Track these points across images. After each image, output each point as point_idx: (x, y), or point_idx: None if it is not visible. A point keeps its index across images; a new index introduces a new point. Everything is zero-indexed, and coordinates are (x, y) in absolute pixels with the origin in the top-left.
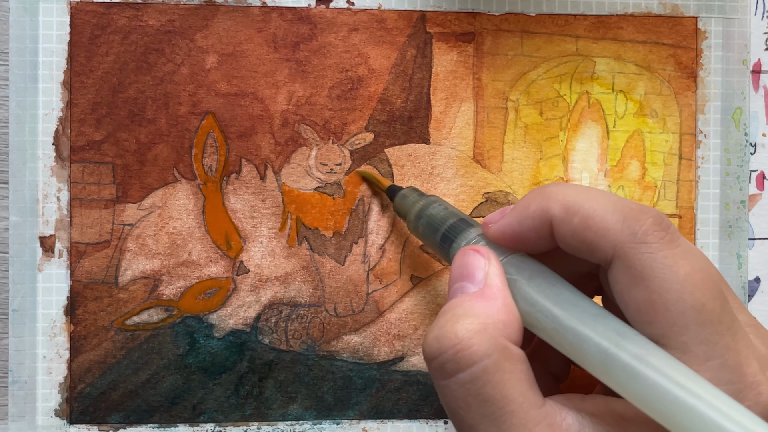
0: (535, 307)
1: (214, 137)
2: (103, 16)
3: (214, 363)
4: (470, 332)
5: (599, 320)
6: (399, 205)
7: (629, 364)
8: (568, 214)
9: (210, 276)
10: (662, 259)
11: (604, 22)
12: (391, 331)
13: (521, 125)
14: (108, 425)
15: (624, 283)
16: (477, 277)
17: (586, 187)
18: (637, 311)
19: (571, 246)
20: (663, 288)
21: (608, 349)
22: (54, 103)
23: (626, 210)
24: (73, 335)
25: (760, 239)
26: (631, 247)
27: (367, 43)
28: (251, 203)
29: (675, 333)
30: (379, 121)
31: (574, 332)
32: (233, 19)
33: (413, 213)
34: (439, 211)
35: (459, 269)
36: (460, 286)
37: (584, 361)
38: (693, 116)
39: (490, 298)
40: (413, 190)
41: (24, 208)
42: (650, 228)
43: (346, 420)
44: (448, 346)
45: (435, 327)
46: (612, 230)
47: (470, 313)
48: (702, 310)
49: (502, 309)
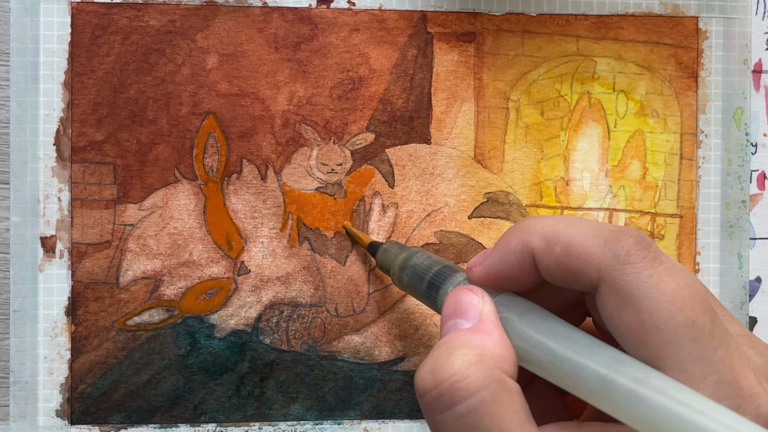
0: (528, 342)
1: (215, 137)
2: (104, 17)
3: (215, 363)
4: (467, 363)
5: (594, 349)
6: (381, 259)
7: (630, 388)
8: (549, 245)
9: (211, 276)
10: (648, 278)
11: (604, 22)
12: (392, 331)
13: (522, 125)
14: (109, 425)
15: (612, 307)
16: (470, 313)
17: (565, 217)
18: (629, 333)
19: (556, 276)
20: (652, 307)
21: (607, 375)
22: (55, 104)
23: (606, 233)
24: (74, 335)
25: (761, 239)
26: (616, 270)
27: (368, 43)
28: (252, 203)
29: (669, 352)
30: (380, 121)
31: (570, 363)
32: (234, 19)
33: (396, 265)
34: (422, 260)
35: (452, 307)
36: (453, 323)
37: (582, 391)
38: (694, 116)
39: (486, 332)
40: (394, 243)
41: (25, 209)
42: (632, 248)
43: (348, 420)
44: (444, 377)
45: (429, 360)
46: (594, 254)
47: (466, 345)
48: (693, 326)
49: (497, 343)
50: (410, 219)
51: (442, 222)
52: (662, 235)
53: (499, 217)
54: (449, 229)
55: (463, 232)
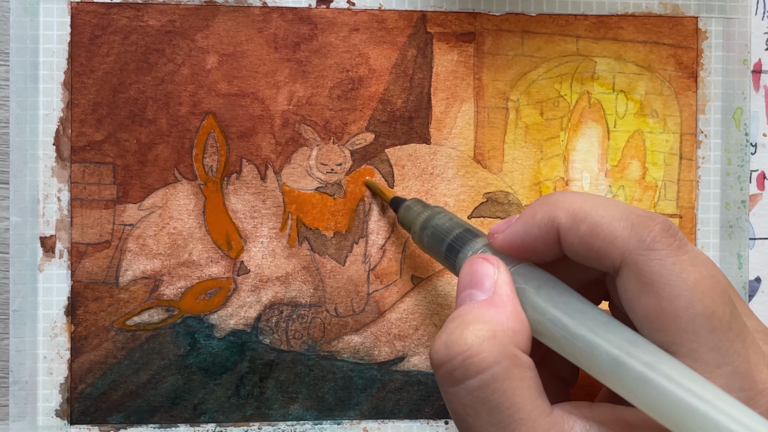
0: (544, 316)
1: (215, 137)
2: (104, 17)
3: (214, 363)
4: (480, 339)
5: (609, 328)
6: (403, 216)
7: (640, 371)
8: (575, 222)
9: (211, 276)
10: (671, 266)
11: (604, 22)
12: (391, 331)
13: (522, 125)
14: (109, 425)
15: (633, 291)
16: (486, 284)
17: (593, 195)
18: (647, 318)
19: (579, 254)
20: (672, 295)
21: (619, 356)
22: (54, 104)
23: (634, 217)
24: (74, 335)
25: (761, 239)
26: (640, 254)
27: (367, 43)
28: (252, 203)
29: (685, 340)
30: (380, 121)
31: (583, 340)
32: (234, 19)
33: (418, 224)
34: (444, 221)
35: (467, 277)
36: (468, 294)
37: (594, 369)
38: (693, 116)
39: (500, 305)
40: (417, 201)
41: (24, 209)
42: (658, 234)
43: (347, 420)
44: (457, 352)
45: (443, 333)
46: (620, 237)
47: (480, 320)
48: (712, 316)
49: (511, 317)
50: None
51: None
52: None
53: (499, 217)
54: None
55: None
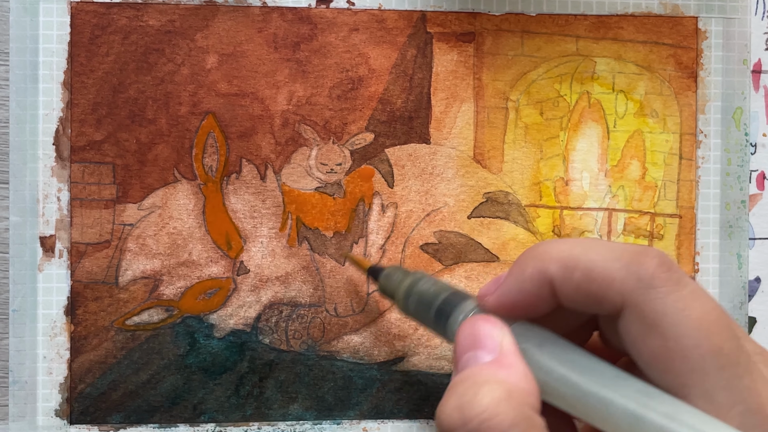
0: (551, 376)
1: (215, 137)
2: (104, 17)
3: (214, 363)
4: (496, 400)
5: (620, 382)
6: (384, 285)
7: (661, 425)
8: (568, 271)
9: (210, 276)
10: (673, 303)
11: (604, 22)
12: (391, 331)
13: (521, 125)
14: (108, 425)
15: (637, 333)
16: (490, 345)
17: (580, 240)
18: (655, 360)
19: (577, 302)
20: (679, 334)
21: (636, 410)
22: (54, 103)
23: (627, 255)
24: (74, 335)
25: (761, 239)
26: (640, 294)
27: (367, 43)
28: (251, 203)
29: (696, 381)
30: (380, 121)
31: (596, 397)
32: (233, 19)
33: (401, 291)
34: (428, 286)
35: (469, 339)
36: (472, 356)
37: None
38: (693, 116)
39: (509, 366)
40: (396, 268)
41: (24, 208)
42: (656, 271)
43: (347, 420)
44: (472, 415)
45: (453, 397)
46: (617, 279)
47: (492, 381)
48: (720, 353)
49: (522, 377)
50: (410, 219)
51: (441, 222)
52: (661, 235)
53: (499, 217)
54: (448, 229)
55: (463, 231)
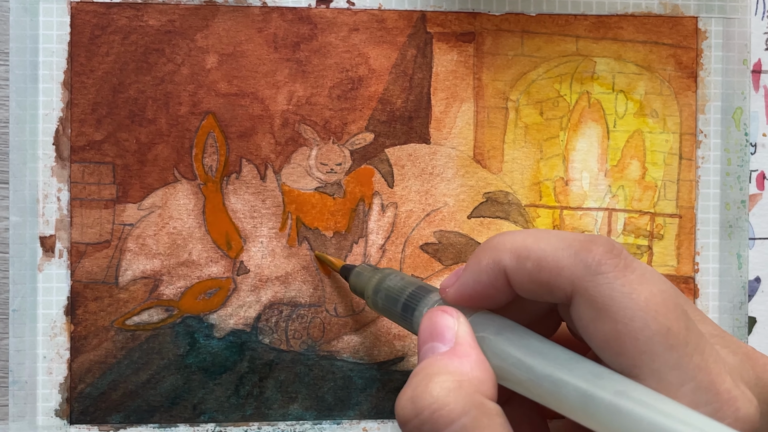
0: (506, 361)
1: (215, 137)
2: (104, 16)
3: (214, 363)
4: (446, 390)
5: (573, 364)
6: (354, 283)
7: (611, 401)
8: (520, 261)
9: (210, 276)
10: (620, 287)
11: (604, 22)
12: (391, 331)
13: (521, 125)
14: (108, 425)
15: (587, 318)
16: (447, 336)
17: (533, 230)
18: (605, 343)
19: (530, 290)
20: (627, 317)
21: (587, 390)
22: (54, 103)
23: (576, 244)
24: (74, 335)
25: (761, 239)
26: (588, 280)
27: (367, 43)
28: (251, 203)
29: (645, 361)
30: (380, 121)
31: (549, 379)
32: (233, 19)
33: (370, 288)
34: (396, 282)
35: (428, 330)
36: (430, 347)
37: (563, 407)
38: (693, 116)
39: (463, 355)
40: (367, 266)
41: (24, 208)
42: (603, 257)
43: (347, 420)
44: (423, 406)
45: (408, 389)
46: (566, 266)
47: (444, 371)
48: (668, 333)
49: (475, 366)
50: (409, 219)
51: (441, 222)
52: (661, 235)
53: (499, 217)
54: (448, 229)
55: (463, 231)
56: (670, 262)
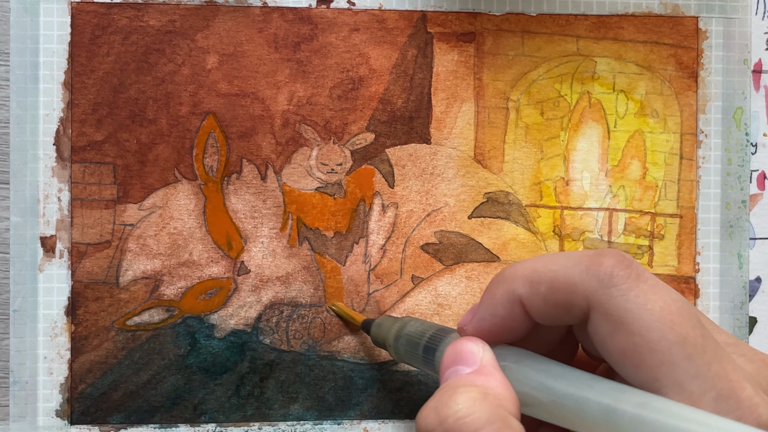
0: (528, 385)
1: (215, 137)
2: (104, 17)
3: (215, 363)
4: (471, 400)
5: (594, 383)
6: (376, 334)
7: (635, 413)
8: (534, 286)
9: (211, 276)
10: (635, 299)
11: (604, 22)
12: None
13: (522, 125)
14: (109, 426)
15: (604, 332)
16: (471, 360)
17: (542, 255)
18: (623, 357)
19: (547, 314)
20: (644, 328)
21: (610, 404)
22: (55, 104)
23: (585, 260)
24: (74, 335)
25: (761, 239)
26: (602, 294)
27: (367, 43)
28: (252, 203)
29: (665, 372)
30: (380, 121)
31: (572, 398)
32: (234, 19)
33: (391, 336)
34: (416, 327)
35: (452, 356)
36: (454, 370)
37: (587, 424)
38: (694, 116)
39: (488, 374)
40: (387, 317)
41: (25, 209)
42: (614, 269)
43: (347, 420)
44: (448, 414)
45: (431, 401)
46: (579, 283)
47: (470, 384)
48: (685, 343)
49: (500, 384)
50: (410, 219)
51: (442, 222)
52: (662, 235)
53: (499, 217)
54: (449, 229)
55: (463, 232)
56: (671, 262)
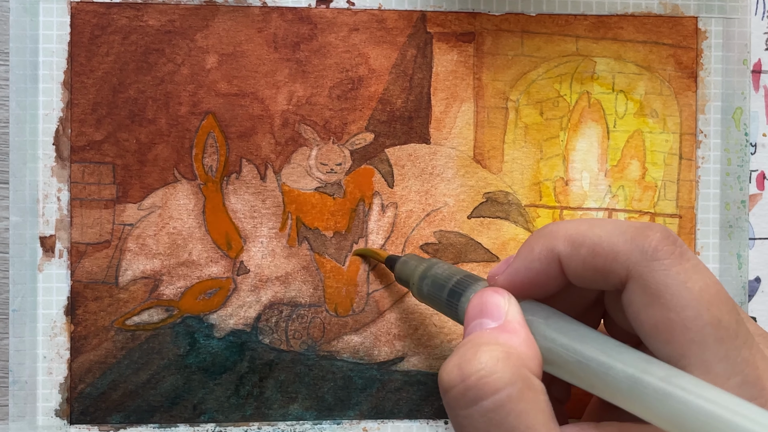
0: (555, 343)
1: (215, 137)
2: (104, 16)
3: (214, 363)
4: (494, 359)
5: (622, 350)
6: (400, 271)
7: (659, 387)
8: (575, 247)
9: (210, 276)
10: (676, 275)
11: (604, 22)
12: (391, 331)
13: (521, 125)
14: (108, 425)
15: (639, 303)
16: (496, 313)
17: (587, 219)
18: (655, 330)
19: (583, 277)
20: (680, 305)
21: (635, 375)
22: (54, 103)
23: (632, 230)
24: (74, 335)
25: (761, 239)
26: (644, 266)
27: (367, 43)
28: (251, 203)
29: (695, 351)
30: (380, 121)
31: (597, 362)
32: (233, 19)
33: (416, 276)
34: (443, 270)
35: (477, 308)
36: (478, 323)
37: (610, 391)
38: (693, 116)
39: (512, 331)
40: (413, 256)
41: (24, 208)
42: (659, 243)
43: (347, 420)
44: (471, 372)
45: (454, 356)
46: (622, 252)
47: (493, 342)
48: (719, 325)
49: (523, 342)
50: (409, 219)
51: (441, 222)
52: None
53: (499, 217)
54: (448, 229)
55: (463, 231)
56: None
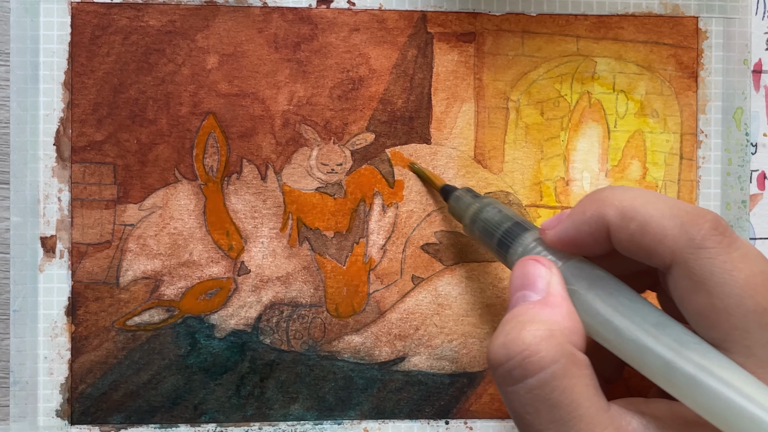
0: (595, 319)
1: (215, 137)
2: (104, 17)
3: (215, 363)
4: (538, 338)
5: (660, 329)
6: (453, 207)
7: (691, 374)
8: (625, 220)
9: (211, 276)
10: (721, 264)
11: (604, 22)
12: (392, 331)
13: (522, 125)
14: (109, 426)
15: (684, 289)
16: (539, 285)
17: (642, 191)
18: (699, 316)
19: (629, 251)
20: (724, 293)
21: (670, 360)
22: (55, 104)
23: (683, 214)
24: (74, 336)
25: (761, 239)
26: (690, 253)
27: (367, 43)
28: (252, 203)
29: (737, 337)
30: (380, 121)
31: (635, 343)
32: (234, 19)
33: (468, 217)
34: (493, 215)
35: (520, 279)
36: (522, 295)
37: (646, 371)
38: (694, 116)
39: (554, 305)
40: (467, 191)
41: (25, 209)
42: (708, 232)
43: (348, 420)
44: (515, 352)
45: (500, 334)
46: (670, 236)
47: (536, 320)
48: (764, 313)
49: (566, 316)
50: (410, 219)
51: (442, 222)
52: None
53: None
54: (449, 229)
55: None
56: None
